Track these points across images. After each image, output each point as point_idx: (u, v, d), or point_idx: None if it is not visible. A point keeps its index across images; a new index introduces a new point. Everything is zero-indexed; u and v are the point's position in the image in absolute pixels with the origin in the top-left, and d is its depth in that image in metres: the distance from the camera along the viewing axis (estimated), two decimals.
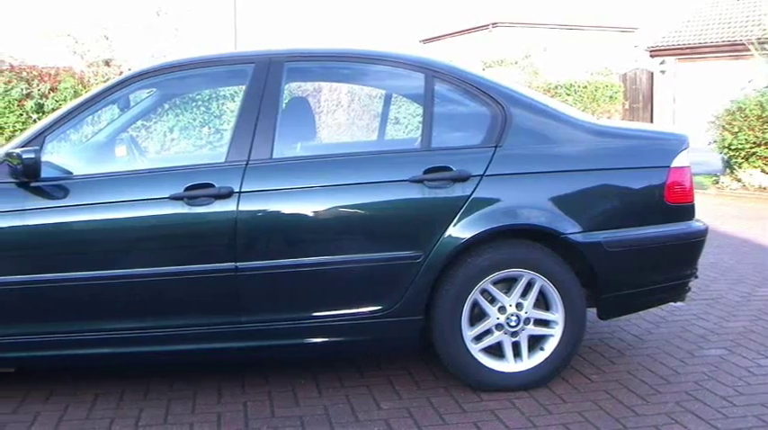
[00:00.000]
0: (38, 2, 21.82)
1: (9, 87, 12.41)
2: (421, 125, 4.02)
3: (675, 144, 4.11)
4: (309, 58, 4.32)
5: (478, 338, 3.90)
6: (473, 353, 3.88)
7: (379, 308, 3.81)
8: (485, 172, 3.82)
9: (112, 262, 3.77)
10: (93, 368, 4.33)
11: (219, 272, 3.72)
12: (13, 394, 4.06)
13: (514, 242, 3.92)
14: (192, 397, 3.97)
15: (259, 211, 3.74)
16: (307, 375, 4.20)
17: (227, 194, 3.71)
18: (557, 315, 3.92)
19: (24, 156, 3.63)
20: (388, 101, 5.08)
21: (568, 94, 19.16)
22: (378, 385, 4.07)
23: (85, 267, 3.76)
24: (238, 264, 3.71)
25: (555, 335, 3.93)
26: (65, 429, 3.65)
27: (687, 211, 4.11)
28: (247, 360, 4.32)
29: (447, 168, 3.81)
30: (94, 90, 4.16)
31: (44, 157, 3.75)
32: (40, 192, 3.77)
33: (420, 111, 4.13)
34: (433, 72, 4.05)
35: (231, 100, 9.77)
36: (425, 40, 40.92)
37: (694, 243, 4.13)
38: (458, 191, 3.79)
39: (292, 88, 5.16)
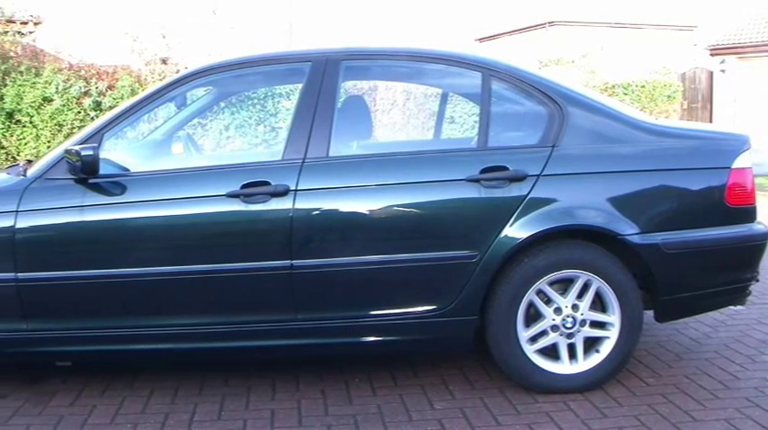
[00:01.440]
0: (96, 1, 22.19)
1: (68, 85, 12.58)
2: (477, 124, 4.01)
3: (736, 144, 4.04)
4: (366, 57, 4.33)
5: (534, 339, 3.87)
6: (528, 354, 3.86)
7: (435, 307, 3.81)
8: (541, 172, 3.80)
9: (169, 258, 3.82)
10: (148, 363, 4.39)
11: (275, 269, 3.75)
12: (70, 387, 4.14)
13: (571, 243, 3.89)
14: (246, 393, 4.01)
15: (315, 209, 3.76)
16: (361, 374, 4.21)
17: (283, 192, 3.73)
18: (613, 317, 3.88)
19: (83, 154, 3.69)
20: (444, 100, 5.07)
21: (626, 94, 18.92)
22: (431, 385, 4.07)
23: (142, 264, 3.82)
24: (294, 261, 3.74)
25: (611, 337, 3.89)
26: (121, 422, 3.70)
27: (748, 213, 4.03)
28: (302, 357, 4.35)
29: (504, 168, 3.79)
30: (152, 88, 4.21)
31: (102, 154, 3.81)
32: (98, 189, 3.83)
33: (476, 110, 4.13)
34: (490, 71, 4.04)
35: (287, 98, 9.81)
36: (481, 39, 40.72)
37: (755, 246, 4.05)
38: (514, 191, 3.77)
39: (348, 87, 5.18)
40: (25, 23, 17.40)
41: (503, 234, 3.75)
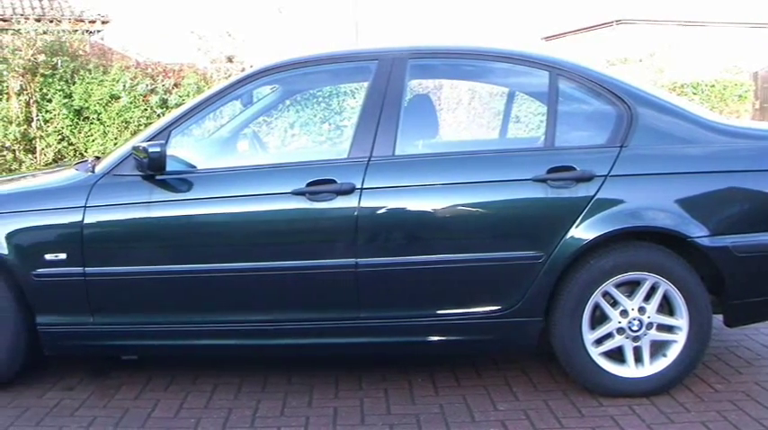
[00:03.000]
0: (163, 0, 22.57)
1: (134, 83, 12.80)
2: (544, 124, 3.99)
3: None
4: (432, 55, 4.33)
5: (599, 342, 3.83)
6: (593, 356, 3.82)
7: (499, 308, 3.80)
8: (609, 172, 3.76)
9: (233, 255, 3.87)
10: (212, 358, 4.45)
11: (339, 267, 3.77)
12: (135, 381, 4.22)
13: (639, 244, 3.84)
14: (309, 391, 4.04)
15: (380, 208, 3.77)
16: (423, 373, 4.21)
17: (348, 190, 3.75)
18: (681, 321, 3.83)
19: (150, 150, 3.75)
20: (510, 99, 5.04)
21: (695, 93, 18.61)
22: (495, 385, 4.06)
23: (208, 260, 3.88)
24: (359, 260, 3.76)
25: (678, 341, 3.84)
26: (184, 417, 3.76)
27: None
28: (365, 356, 4.37)
29: (571, 168, 3.77)
30: (219, 86, 4.26)
31: (169, 151, 3.86)
32: (165, 185, 3.89)
33: (543, 109, 4.10)
34: (557, 70, 4.01)
35: (352, 96, 9.86)
36: (548, 38, 40.43)
37: None
38: (581, 191, 3.74)
39: (414, 85, 5.19)
40: (93, 22, 17.76)
41: (569, 235, 3.73)
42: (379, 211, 3.77)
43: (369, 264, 3.76)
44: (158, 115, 12.33)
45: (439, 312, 3.84)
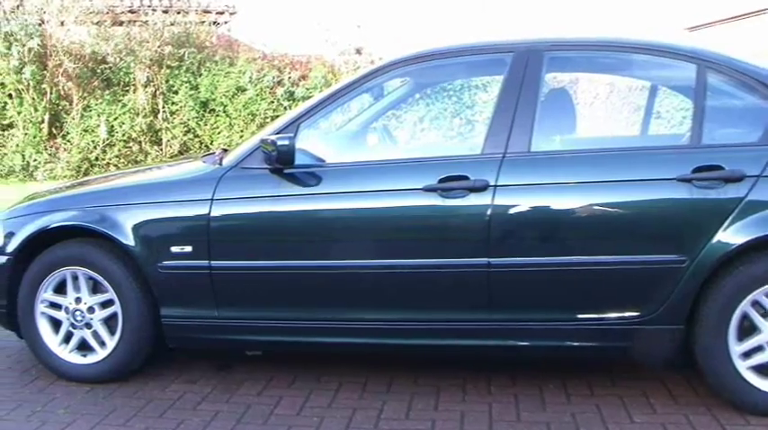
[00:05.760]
0: None
1: (261, 75, 13.09)
2: (690, 120, 3.90)
3: None
4: (570, 47, 4.27)
5: (747, 355, 3.72)
6: (740, 370, 3.71)
7: (638, 314, 3.74)
8: (762, 172, 3.63)
9: (362, 252, 3.93)
10: (337, 355, 4.53)
11: (471, 267, 3.78)
12: (258, 377, 4.34)
13: None
14: (436, 393, 4.06)
15: (515, 206, 3.76)
16: (555, 380, 4.19)
17: (482, 187, 3.75)
18: None
19: (279, 143, 3.84)
20: (653, 93, 4.93)
21: None
22: (630, 396, 3.99)
23: (335, 256, 3.95)
24: (491, 259, 3.76)
25: None
26: (307, 415, 3.84)
27: None
28: (493, 359, 4.37)
29: (719, 167, 3.66)
30: (349, 78, 4.32)
31: (297, 145, 3.94)
32: (294, 180, 3.98)
33: (689, 104, 4.01)
34: (706, 63, 3.91)
35: (484, 90, 9.84)
36: (692, 28, 39.27)
37: None
38: (730, 192, 3.64)
39: (550, 79, 5.14)
40: (221, 13, 18.22)
41: (715, 238, 3.63)
42: (514, 210, 3.76)
43: (501, 264, 3.76)
44: (285, 108, 12.57)
45: (574, 316, 3.80)
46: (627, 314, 3.76)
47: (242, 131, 13.07)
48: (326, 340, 4.08)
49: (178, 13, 14.80)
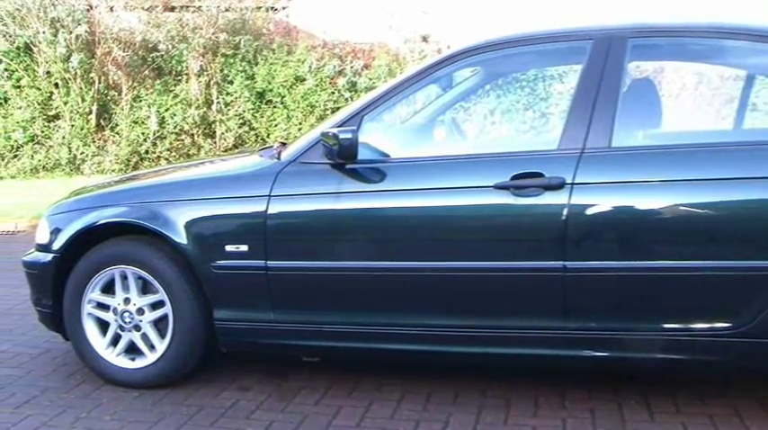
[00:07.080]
0: None
1: (321, 64, 13.09)
2: None
3: None
4: (656, 33, 4.14)
5: None
6: None
7: (729, 325, 3.61)
8: None
9: (428, 253, 3.87)
10: (399, 363, 4.48)
11: (545, 270, 3.70)
12: (316, 385, 4.31)
13: None
14: (505, 406, 3.99)
15: (593, 206, 3.66)
16: (636, 395, 4.08)
17: (558, 185, 3.67)
18: None
19: (341, 137, 3.79)
20: (749, 83, 4.78)
21: None
22: (721, 415, 3.86)
23: (399, 257, 3.90)
24: (567, 263, 3.67)
25: None
26: (367, 426, 3.80)
27: None
28: (568, 370, 4.27)
29: None
30: (416, 68, 4.27)
31: (361, 138, 3.89)
32: (356, 175, 3.94)
33: None
34: None
35: (560, 81, 9.71)
36: None
37: None
38: None
39: (632, 68, 5.03)
40: None
41: None
42: (592, 210, 3.67)
43: (578, 268, 3.67)
44: (346, 99, 12.54)
45: (657, 326, 3.69)
46: (717, 325, 3.63)
47: (300, 124, 13.11)
48: (388, 346, 4.04)
49: None
